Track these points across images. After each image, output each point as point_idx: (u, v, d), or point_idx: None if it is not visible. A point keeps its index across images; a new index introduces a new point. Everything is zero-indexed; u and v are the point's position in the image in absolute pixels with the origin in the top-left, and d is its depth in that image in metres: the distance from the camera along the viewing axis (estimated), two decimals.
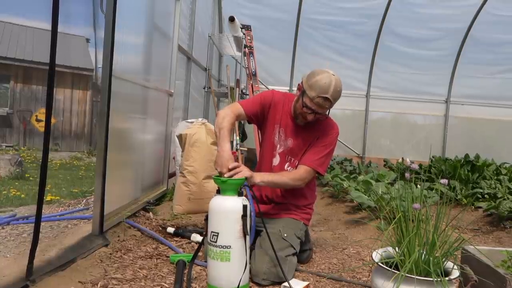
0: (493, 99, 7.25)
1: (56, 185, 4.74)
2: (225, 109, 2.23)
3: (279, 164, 2.31)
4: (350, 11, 6.85)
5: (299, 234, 2.25)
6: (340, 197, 4.46)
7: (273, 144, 2.32)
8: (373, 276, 1.67)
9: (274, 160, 2.31)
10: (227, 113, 2.16)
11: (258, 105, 2.30)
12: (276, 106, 2.31)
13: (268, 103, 2.31)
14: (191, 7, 4.86)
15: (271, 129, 2.32)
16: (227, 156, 1.98)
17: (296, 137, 2.29)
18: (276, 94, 2.36)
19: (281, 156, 2.31)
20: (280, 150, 2.31)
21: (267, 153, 2.34)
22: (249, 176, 1.95)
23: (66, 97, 12.00)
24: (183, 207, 3.42)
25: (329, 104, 2.11)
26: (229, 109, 2.21)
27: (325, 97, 2.07)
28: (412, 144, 7.52)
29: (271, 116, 2.31)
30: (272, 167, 2.31)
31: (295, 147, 2.29)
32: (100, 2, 2.44)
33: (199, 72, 5.55)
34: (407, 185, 1.85)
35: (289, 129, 2.30)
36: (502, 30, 6.76)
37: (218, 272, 1.80)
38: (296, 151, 2.29)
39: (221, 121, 2.11)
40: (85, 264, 2.01)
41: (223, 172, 1.94)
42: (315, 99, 2.09)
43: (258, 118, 2.33)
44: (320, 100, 2.08)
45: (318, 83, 2.08)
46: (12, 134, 11.39)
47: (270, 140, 2.33)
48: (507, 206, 3.40)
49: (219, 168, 1.97)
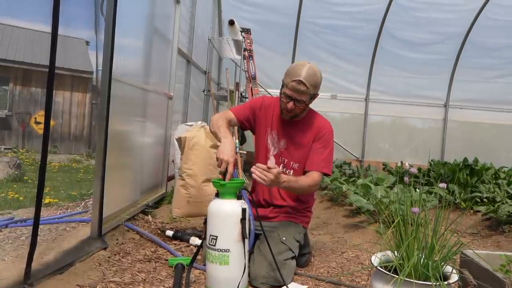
0: (492, 103, 7.27)
1: (54, 187, 4.73)
2: (216, 115, 2.32)
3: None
4: (350, 15, 6.87)
5: (298, 238, 2.25)
6: (339, 201, 4.46)
7: (267, 147, 2.33)
8: (372, 280, 1.67)
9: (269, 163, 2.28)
10: (220, 116, 2.25)
11: (248, 109, 2.35)
12: (266, 110, 2.35)
13: (258, 107, 2.35)
14: (191, 11, 4.88)
15: (263, 132, 2.34)
16: (232, 145, 1.99)
17: (289, 137, 2.30)
18: (266, 98, 2.44)
19: (276, 158, 2.32)
20: (274, 152, 2.32)
21: (261, 156, 2.35)
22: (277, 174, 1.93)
23: (66, 99, 12.00)
24: (182, 210, 3.42)
25: (304, 88, 2.12)
26: (219, 114, 2.30)
27: (298, 80, 2.10)
28: (411, 148, 7.53)
29: (262, 119, 2.34)
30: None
31: (288, 148, 2.30)
32: (101, 5, 2.44)
33: (199, 75, 5.56)
34: (406, 189, 1.85)
35: (281, 130, 2.32)
36: (500, 34, 6.79)
37: (217, 275, 1.80)
38: (290, 153, 2.30)
39: (217, 123, 2.18)
40: (84, 268, 2.00)
41: (226, 160, 1.90)
42: (289, 83, 2.13)
43: (250, 122, 2.36)
44: (294, 83, 2.12)
45: (292, 69, 2.17)
46: (11, 137, 11.37)
47: (263, 143, 2.34)
48: (505, 210, 3.40)
49: (222, 155, 1.93)
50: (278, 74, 7.10)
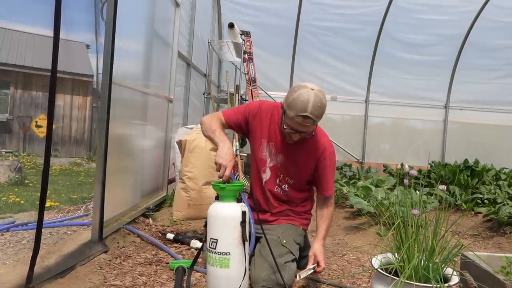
0: (492, 104, 7.27)
1: (55, 191, 4.73)
2: (207, 116, 2.21)
3: (270, 178, 2.24)
4: (349, 17, 6.88)
5: (298, 240, 2.25)
6: (339, 203, 4.46)
7: (262, 159, 2.23)
8: (373, 282, 1.67)
9: (264, 175, 2.24)
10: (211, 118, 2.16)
11: (241, 115, 2.19)
12: (262, 119, 2.18)
13: (253, 115, 2.19)
14: (191, 14, 4.89)
15: (258, 143, 2.22)
16: (230, 150, 1.94)
17: (288, 154, 2.19)
18: (263, 105, 2.22)
19: (272, 171, 2.23)
20: (271, 164, 2.22)
21: (256, 168, 2.26)
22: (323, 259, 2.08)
23: (66, 103, 12.02)
24: (183, 213, 3.42)
25: (310, 122, 1.96)
26: (210, 116, 2.20)
27: (304, 115, 1.92)
28: (412, 149, 7.52)
29: (257, 129, 2.21)
30: (263, 182, 2.25)
31: (287, 164, 2.20)
32: (101, 9, 2.46)
33: (199, 78, 5.57)
34: (407, 191, 1.86)
35: (278, 144, 2.18)
36: (500, 35, 6.79)
37: (217, 278, 1.80)
38: (288, 169, 2.20)
39: (210, 126, 2.09)
40: (85, 271, 2.01)
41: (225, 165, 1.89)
42: (295, 118, 1.94)
43: (242, 128, 2.23)
44: (300, 119, 1.94)
45: (295, 101, 1.93)
46: (11, 140, 11.40)
47: (258, 156, 2.24)
48: (506, 212, 3.40)
49: (221, 160, 1.89)
50: (278, 76, 7.22)
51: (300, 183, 2.25)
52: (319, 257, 2.09)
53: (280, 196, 2.26)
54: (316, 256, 2.10)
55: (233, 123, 2.20)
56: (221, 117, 2.18)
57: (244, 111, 2.22)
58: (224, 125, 2.18)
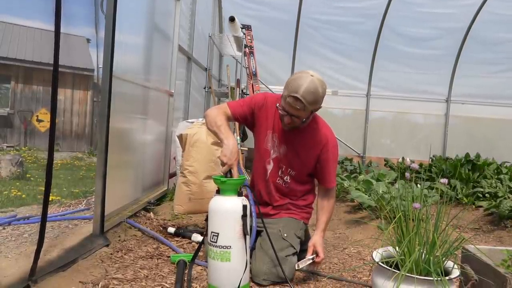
0: (493, 98, 7.25)
1: (57, 185, 4.74)
2: (212, 109, 2.20)
3: (272, 170, 2.25)
4: (350, 11, 6.85)
5: (299, 234, 2.25)
6: (340, 197, 4.46)
7: (267, 150, 2.24)
8: (374, 275, 1.68)
9: (268, 166, 2.25)
10: (217, 112, 2.14)
11: (247, 107, 2.20)
12: (268, 110, 2.20)
13: (258, 106, 2.21)
14: (191, 7, 4.87)
15: (263, 135, 2.23)
16: (234, 148, 1.94)
17: (290, 145, 2.20)
18: (269, 97, 2.24)
19: (274, 162, 2.24)
20: (274, 156, 2.24)
21: (260, 159, 2.27)
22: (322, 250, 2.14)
23: (67, 97, 12.01)
24: (184, 207, 3.42)
25: (300, 105, 1.95)
26: (216, 109, 2.19)
27: (295, 96, 1.93)
28: (413, 144, 7.52)
29: (263, 120, 2.22)
30: (266, 173, 2.26)
31: (288, 156, 2.21)
32: (101, 3, 2.44)
33: (200, 72, 5.55)
34: (408, 185, 1.85)
35: (282, 135, 2.20)
36: (502, 29, 6.76)
37: (218, 272, 1.80)
38: (290, 160, 2.21)
39: (215, 121, 2.08)
40: (86, 265, 2.01)
41: (230, 164, 1.90)
42: (287, 98, 1.96)
43: (247, 120, 2.24)
44: (290, 99, 1.95)
45: (291, 82, 1.97)
46: (13, 135, 11.40)
47: (263, 146, 2.25)
48: (508, 205, 3.40)
49: (226, 159, 1.90)
50: (279, 70, 7.20)
51: (301, 174, 2.26)
52: (318, 248, 2.12)
53: (282, 188, 2.26)
54: (315, 246, 2.12)
55: (239, 115, 2.20)
56: (226, 110, 2.18)
57: (250, 103, 2.22)
58: (230, 118, 2.19)
